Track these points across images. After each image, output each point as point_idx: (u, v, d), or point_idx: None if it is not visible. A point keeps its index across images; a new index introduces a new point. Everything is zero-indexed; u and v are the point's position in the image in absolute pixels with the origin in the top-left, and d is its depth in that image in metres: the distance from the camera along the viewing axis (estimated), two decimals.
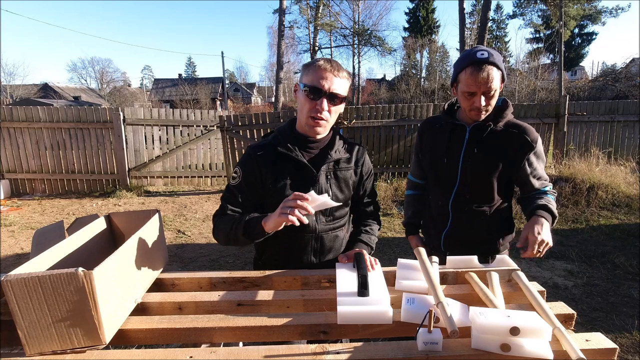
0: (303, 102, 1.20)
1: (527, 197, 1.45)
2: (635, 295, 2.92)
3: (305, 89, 1.18)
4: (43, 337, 0.83)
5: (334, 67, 1.17)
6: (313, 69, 1.17)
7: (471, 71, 1.29)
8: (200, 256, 3.98)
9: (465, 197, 1.47)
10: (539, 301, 0.98)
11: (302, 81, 1.21)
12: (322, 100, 1.17)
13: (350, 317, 0.95)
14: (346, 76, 1.21)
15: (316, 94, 1.16)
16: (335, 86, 1.17)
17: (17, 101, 26.62)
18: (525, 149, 1.39)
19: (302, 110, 1.22)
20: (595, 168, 5.72)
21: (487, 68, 1.28)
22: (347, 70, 1.21)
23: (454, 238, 1.52)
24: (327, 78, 1.16)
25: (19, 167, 6.48)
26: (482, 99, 1.32)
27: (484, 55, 1.29)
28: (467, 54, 1.34)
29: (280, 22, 19.10)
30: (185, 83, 38.09)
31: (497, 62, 1.30)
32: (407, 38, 33.89)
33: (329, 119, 1.22)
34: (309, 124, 1.21)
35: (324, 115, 1.19)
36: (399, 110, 6.58)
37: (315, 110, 1.18)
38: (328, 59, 1.21)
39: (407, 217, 1.72)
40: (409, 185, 1.75)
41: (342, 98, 1.21)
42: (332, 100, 1.18)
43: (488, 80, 1.28)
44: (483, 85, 1.29)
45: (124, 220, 1.36)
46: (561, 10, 15.51)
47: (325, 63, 1.18)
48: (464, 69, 1.32)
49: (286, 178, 1.24)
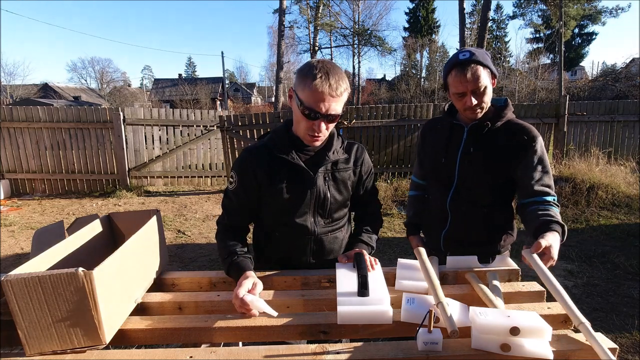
0: (299, 117, 1.15)
1: (527, 205, 1.33)
2: (635, 295, 2.92)
3: (302, 108, 1.11)
4: (43, 337, 0.83)
5: (332, 88, 1.08)
6: (310, 89, 1.08)
7: (456, 73, 1.32)
8: (200, 256, 3.98)
9: (463, 197, 1.47)
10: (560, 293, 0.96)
11: (297, 92, 1.13)
12: (319, 122, 1.13)
13: (350, 317, 0.95)
14: (344, 90, 1.12)
15: (313, 115, 1.11)
16: (333, 107, 1.11)
17: (17, 101, 26.63)
18: (523, 148, 1.37)
19: (298, 123, 1.18)
20: (595, 168, 5.71)
21: (471, 67, 1.30)
22: (345, 81, 1.13)
23: (453, 238, 1.52)
24: (325, 100, 1.09)
25: (19, 167, 6.47)
26: (472, 97, 1.33)
27: (466, 55, 1.31)
28: (451, 57, 1.38)
29: (280, 22, 19.09)
30: (185, 83, 38.08)
31: (481, 59, 1.31)
32: (407, 38, 33.90)
33: (326, 134, 1.20)
34: (307, 139, 1.19)
35: (321, 134, 1.16)
36: (399, 110, 6.58)
37: (312, 129, 1.15)
38: (326, 71, 1.09)
39: (408, 217, 1.73)
40: (412, 186, 1.76)
41: (339, 115, 1.17)
42: (329, 120, 1.15)
43: (474, 78, 1.30)
44: (470, 84, 1.31)
45: (124, 220, 1.36)
46: (561, 10, 15.51)
47: (323, 84, 1.07)
48: (450, 73, 1.35)
49: (283, 181, 1.23)
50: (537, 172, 1.35)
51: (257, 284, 1.08)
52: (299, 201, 1.24)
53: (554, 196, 1.33)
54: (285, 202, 1.24)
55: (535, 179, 1.34)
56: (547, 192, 1.32)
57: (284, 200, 1.23)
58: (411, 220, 1.70)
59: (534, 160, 1.35)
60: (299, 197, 1.24)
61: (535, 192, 1.32)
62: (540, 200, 1.31)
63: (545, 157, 1.36)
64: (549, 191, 1.32)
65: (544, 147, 1.39)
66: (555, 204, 1.31)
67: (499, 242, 1.49)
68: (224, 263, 1.20)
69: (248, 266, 1.16)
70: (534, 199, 1.32)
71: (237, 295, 1.00)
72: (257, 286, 1.07)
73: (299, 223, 1.26)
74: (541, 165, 1.35)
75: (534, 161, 1.35)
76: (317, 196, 1.25)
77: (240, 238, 1.28)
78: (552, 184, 1.35)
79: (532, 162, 1.35)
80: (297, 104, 1.13)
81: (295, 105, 1.15)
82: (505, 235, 1.50)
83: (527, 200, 1.34)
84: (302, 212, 1.26)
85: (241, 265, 1.15)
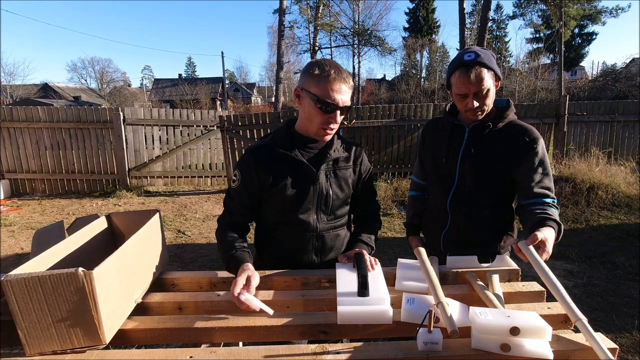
0: (313, 113, 1.19)
1: (526, 206, 1.33)
2: (635, 295, 2.92)
3: (317, 102, 1.16)
4: (43, 337, 0.83)
5: (346, 81, 1.17)
6: (324, 81, 1.14)
7: (459, 74, 1.31)
8: (200, 256, 3.98)
9: (463, 197, 1.46)
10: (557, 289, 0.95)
11: (309, 89, 1.17)
12: (335, 114, 1.19)
13: (350, 317, 0.95)
14: (352, 82, 1.23)
15: (330, 108, 1.16)
16: (346, 97, 1.18)
17: (17, 101, 26.60)
18: (524, 149, 1.36)
19: (311, 120, 1.21)
20: (595, 168, 5.71)
21: (475, 69, 1.28)
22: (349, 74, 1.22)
23: (453, 238, 1.52)
24: (341, 92, 1.16)
25: (19, 167, 6.47)
26: (474, 100, 1.32)
27: (471, 56, 1.30)
28: (456, 57, 1.36)
29: (280, 22, 19.09)
30: (185, 83, 38.08)
31: (486, 61, 1.30)
32: (407, 38, 33.91)
33: (336, 127, 1.25)
34: (320, 134, 1.24)
35: (334, 126, 1.22)
36: (399, 110, 6.58)
37: (327, 122, 1.20)
38: (335, 67, 1.17)
39: (408, 218, 1.73)
40: (412, 186, 1.76)
41: (350, 106, 1.24)
42: (343, 111, 1.21)
43: (477, 81, 1.28)
44: (473, 87, 1.30)
45: (124, 220, 1.36)
46: (561, 10, 15.51)
47: (336, 74, 1.15)
48: (454, 73, 1.34)
49: (286, 178, 1.24)
50: (538, 174, 1.34)
51: (252, 277, 1.07)
52: (302, 197, 1.25)
53: (553, 198, 1.32)
54: (288, 199, 1.25)
55: (535, 180, 1.33)
56: (546, 194, 1.32)
57: (288, 196, 1.24)
58: (411, 221, 1.70)
59: (534, 162, 1.35)
60: (302, 193, 1.25)
61: (535, 194, 1.32)
62: (540, 202, 1.31)
63: (545, 159, 1.36)
64: (548, 193, 1.32)
65: (545, 147, 1.38)
66: (554, 206, 1.30)
67: (499, 243, 1.49)
68: (224, 258, 1.21)
69: (245, 259, 1.16)
70: (533, 200, 1.32)
71: (232, 294, 1.00)
72: (252, 280, 1.06)
73: (302, 219, 1.27)
74: (542, 167, 1.35)
75: (534, 163, 1.35)
76: (319, 192, 1.27)
77: (240, 234, 1.28)
78: (552, 187, 1.35)
79: (532, 163, 1.35)
80: (311, 99, 1.17)
81: (307, 102, 1.19)
82: (505, 236, 1.50)
83: (527, 201, 1.34)
84: (305, 208, 1.27)
85: (239, 258, 1.16)
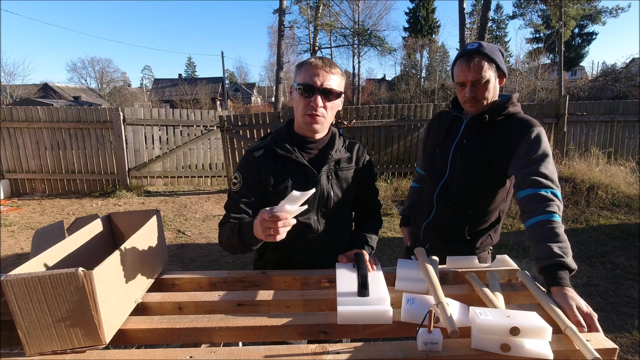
0: (298, 100, 1.20)
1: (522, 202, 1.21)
2: (635, 295, 2.92)
3: (299, 87, 1.18)
4: (43, 337, 0.83)
5: (326, 64, 1.18)
6: (305, 67, 1.18)
7: (460, 62, 1.33)
8: (200, 256, 3.98)
9: (451, 190, 1.44)
10: (547, 301, 0.98)
11: (295, 81, 1.22)
12: (315, 97, 1.16)
13: (350, 317, 0.94)
14: (339, 72, 1.21)
15: (310, 91, 1.16)
16: (328, 82, 1.17)
17: (17, 101, 26.61)
18: (518, 137, 1.28)
19: (297, 109, 1.22)
20: (595, 168, 5.72)
21: (475, 58, 1.28)
22: (339, 67, 1.22)
23: (433, 228, 1.51)
24: (320, 75, 1.16)
25: (19, 167, 6.47)
26: (470, 89, 1.32)
27: (474, 46, 1.31)
28: (462, 48, 1.36)
29: (280, 22, 19.08)
30: (185, 83, 38.03)
31: (488, 52, 1.29)
32: (407, 38, 33.89)
33: (325, 115, 1.20)
34: (306, 122, 1.20)
35: (319, 112, 1.18)
36: (399, 110, 6.58)
37: (310, 107, 1.17)
38: (320, 57, 1.22)
39: (403, 209, 1.74)
40: (415, 177, 1.77)
41: (336, 93, 1.20)
42: (326, 96, 1.18)
43: (475, 70, 1.28)
44: (470, 75, 1.29)
45: (124, 220, 1.36)
46: (561, 10, 15.50)
47: (317, 60, 1.19)
48: (456, 62, 1.36)
49: (287, 180, 1.23)
50: (529, 159, 1.23)
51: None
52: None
53: (551, 188, 1.18)
54: None
55: (526, 167, 1.22)
56: (539, 182, 1.18)
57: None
58: (404, 212, 1.71)
59: (527, 148, 1.25)
60: None
61: (527, 183, 1.20)
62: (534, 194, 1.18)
63: (543, 146, 1.24)
64: (541, 181, 1.18)
65: (546, 136, 1.28)
66: (552, 197, 1.16)
67: (475, 242, 1.46)
68: (234, 235, 1.14)
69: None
70: (526, 192, 1.20)
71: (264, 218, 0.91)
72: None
73: (303, 221, 1.25)
74: (535, 153, 1.23)
75: (527, 148, 1.25)
76: (320, 194, 1.26)
77: None
78: (551, 174, 1.20)
79: (526, 149, 1.25)
80: (295, 88, 1.20)
81: (295, 95, 1.22)
82: (483, 238, 1.46)
83: (522, 194, 1.22)
84: (305, 210, 1.25)
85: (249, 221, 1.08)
